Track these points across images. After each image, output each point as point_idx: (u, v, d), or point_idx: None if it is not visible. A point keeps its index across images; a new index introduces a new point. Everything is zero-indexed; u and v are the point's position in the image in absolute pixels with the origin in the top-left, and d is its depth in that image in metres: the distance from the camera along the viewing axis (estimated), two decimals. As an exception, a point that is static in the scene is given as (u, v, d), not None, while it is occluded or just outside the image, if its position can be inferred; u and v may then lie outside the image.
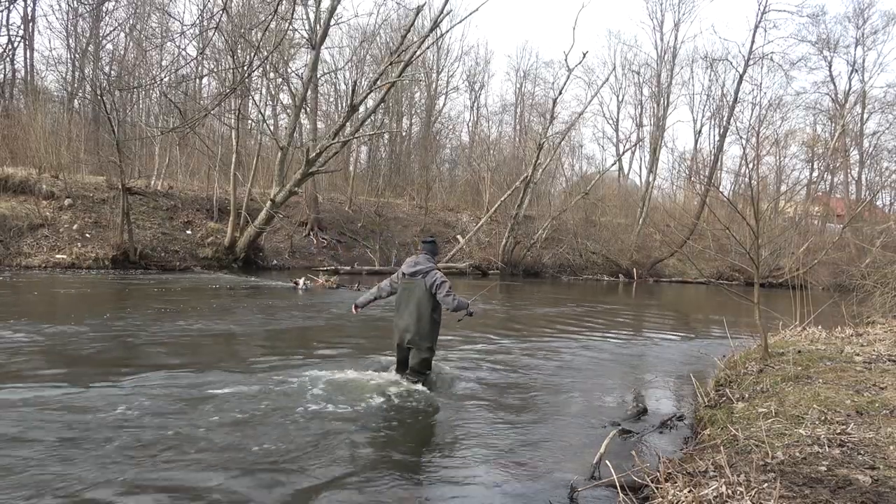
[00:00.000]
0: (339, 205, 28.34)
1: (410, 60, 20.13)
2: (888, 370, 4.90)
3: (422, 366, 5.36)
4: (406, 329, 5.30)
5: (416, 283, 5.30)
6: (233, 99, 20.74)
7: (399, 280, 5.47)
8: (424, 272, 5.32)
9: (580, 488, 3.25)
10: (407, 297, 5.33)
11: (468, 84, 40.13)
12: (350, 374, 5.57)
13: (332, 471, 3.45)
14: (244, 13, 22.78)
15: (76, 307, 9.84)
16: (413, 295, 5.29)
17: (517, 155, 34.00)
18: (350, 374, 5.60)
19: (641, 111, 36.02)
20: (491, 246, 27.31)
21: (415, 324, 5.25)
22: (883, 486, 2.65)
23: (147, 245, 18.31)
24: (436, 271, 5.36)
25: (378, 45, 30.56)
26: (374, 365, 5.98)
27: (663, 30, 35.29)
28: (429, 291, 5.26)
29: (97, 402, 4.43)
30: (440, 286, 5.25)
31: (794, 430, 3.47)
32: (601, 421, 4.71)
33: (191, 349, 6.81)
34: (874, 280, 9.59)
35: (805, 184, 34.47)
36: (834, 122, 33.47)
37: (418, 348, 5.31)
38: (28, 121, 20.11)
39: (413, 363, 5.36)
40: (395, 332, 5.45)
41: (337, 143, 19.77)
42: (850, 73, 34.49)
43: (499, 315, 11.92)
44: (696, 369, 6.69)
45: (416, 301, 5.27)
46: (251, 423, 4.14)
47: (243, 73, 10.80)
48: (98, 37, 28.83)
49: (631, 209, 32.65)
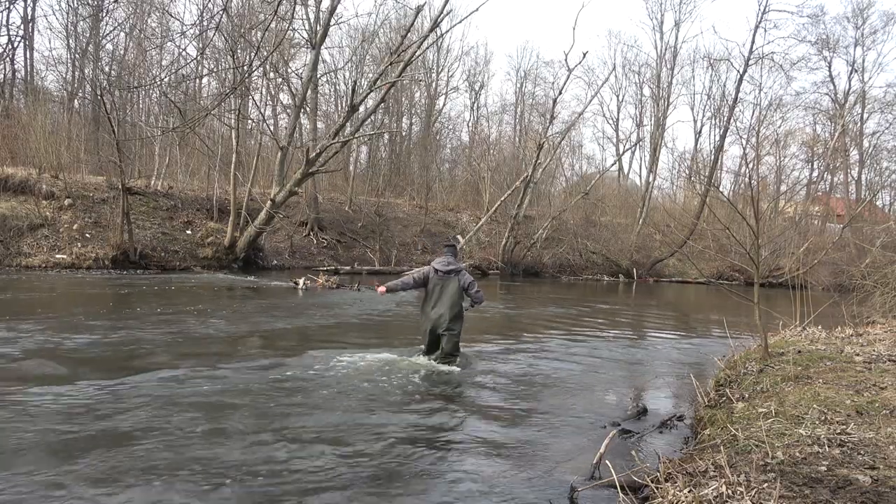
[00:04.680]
0: (339, 205, 28.33)
1: (410, 60, 20.13)
2: (888, 370, 4.90)
3: (455, 348, 6.37)
4: (441, 317, 6.27)
5: (451, 280, 6.36)
6: (233, 99, 20.77)
7: (432, 276, 6.41)
8: (458, 271, 6.42)
9: (580, 488, 3.25)
10: (441, 291, 6.34)
11: (468, 84, 40.13)
12: (382, 358, 6.37)
13: (328, 471, 3.45)
14: (244, 13, 22.81)
15: (82, 306, 9.84)
16: (447, 290, 6.32)
17: (517, 155, 34.01)
18: (383, 356, 6.42)
19: (641, 111, 36.05)
20: (491, 246, 27.31)
21: (448, 313, 6.25)
22: (883, 486, 2.65)
23: (147, 245, 18.30)
24: (465, 271, 6.53)
25: (378, 45, 30.56)
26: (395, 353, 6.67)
27: (663, 30, 35.35)
28: (461, 288, 6.35)
29: (178, 389, 4.52)
30: (472, 284, 6.42)
31: (794, 430, 3.47)
32: (601, 421, 4.71)
33: (227, 343, 6.82)
34: (874, 280, 9.58)
35: (805, 184, 34.50)
36: (834, 122, 33.46)
37: (451, 333, 6.28)
38: (28, 121, 20.09)
39: (447, 347, 6.29)
40: (426, 321, 6.38)
41: (337, 143, 19.77)
42: (849, 73, 34.49)
43: (499, 315, 11.92)
44: (696, 369, 6.69)
45: (451, 295, 6.29)
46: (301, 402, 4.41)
47: (243, 73, 10.81)
48: (98, 37, 28.82)
49: (631, 209, 32.64)
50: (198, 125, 21.03)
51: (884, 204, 35.66)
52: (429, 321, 6.34)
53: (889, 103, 32.59)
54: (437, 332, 6.30)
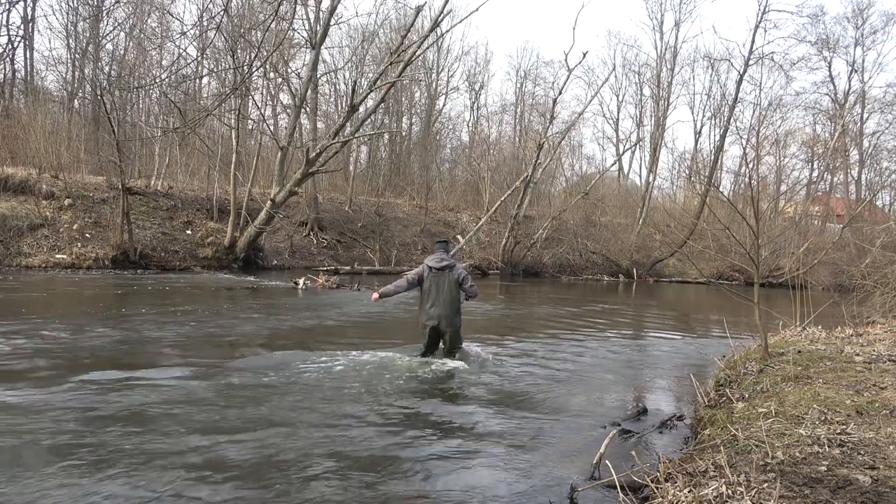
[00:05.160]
0: (339, 205, 28.33)
1: (410, 60, 20.13)
2: (888, 370, 4.90)
3: (458, 341, 6.52)
4: (440, 314, 6.32)
5: (446, 276, 6.38)
6: (233, 99, 20.74)
7: (427, 274, 6.43)
8: (451, 266, 6.44)
9: (580, 488, 3.25)
10: (437, 287, 6.36)
11: (468, 84, 40.15)
12: (382, 357, 6.41)
13: (325, 468, 3.45)
14: (244, 13, 22.81)
15: (82, 307, 9.85)
16: (443, 286, 6.36)
17: (517, 155, 34.01)
18: (382, 356, 6.46)
19: (641, 111, 36.07)
20: (491, 246, 27.31)
21: (448, 308, 6.32)
22: (883, 486, 2.65)
23: (147, 245, 18.30)
24: (459, 265, 6.55)
25: (378, 45, 30.57)
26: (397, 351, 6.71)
27: (663, 30, 35.39)
28: (456, 282, 6.38)
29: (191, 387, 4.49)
30: (466, 278, 6.44)
31: (794, 430, 3.47)
32: (601, 421, 4.71)
33: (225, 344, 6.82)
34: (874, 280, 9.57)
35: (805, 184, 34.51)
36: (834, 122, 33.46)
37: (453, 327, 6.38)
38: (28, 121, 20.10)
39: (451, 342, 6.43)
40: (425, 319, 6.38)
41: (337, 143, 19.77)
42: (849, 73, 34.51)
43: (498, 315, 11.92)
44: (696, 369, 6.69)
45: (447, 290, 6.35)
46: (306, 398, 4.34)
47: (243, 73, 10.81)
48: (98, 37, 28.83)
49: (631, 209, 32.64)
50: (198, 125, 21.03)
51: (884, 204, 35.70)
52: (428, 318, 6.37)
53: (889, 103, 32.63)
54: (438, 329, 6.35)
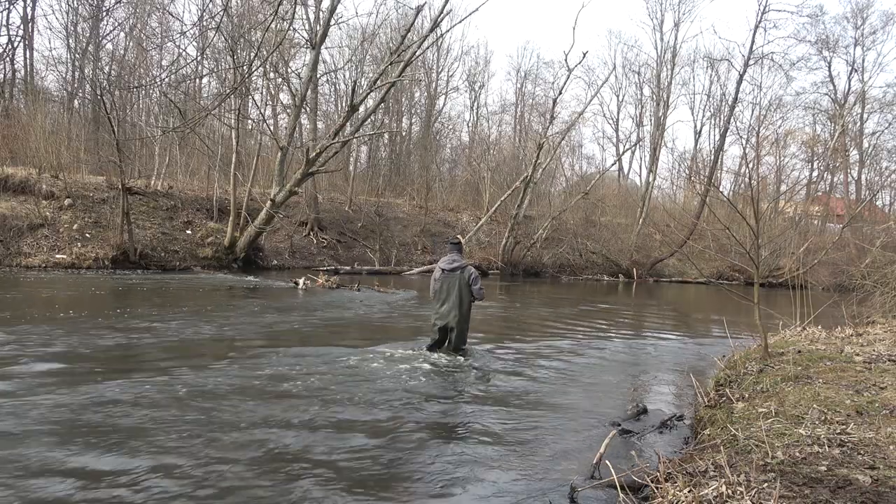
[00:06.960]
0: (339, 205, 28.32)
1: (410, 60, 20.14)
2: (888, 370, 4.90)
3: (464, 341, 6.80)
4: (450, 313, 6.59)
5: (456, 277, 6.64)
6: (233, 99, 20.77)
7: (439, 276, 6.73)
8: (462, 267, 6.69)
9: (580, 488, 3.25)
10: (448, 288, 6.65)
11: (468, 84, 40.14)
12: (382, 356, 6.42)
13: (328, 466, 3.45)
14: (244, 13, 22.80)
15: (82, 306, 9.84)
16: (454, 286, 6.62)
17: (517, 155, 34.01)
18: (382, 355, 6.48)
19: (641, 111, 36.06)
20: (491, 246, 27.32)
21: (457, 308, 6.58)
22: (883, 486, 2.65)
23: (147, 245, 18.30)
24: (470, 267, 6.78)
25: (378, 45, 30.56)
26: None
27: (663, 30, 35.39)
28: (467, 284, 6.62)
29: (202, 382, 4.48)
30: (475, 279, 6.68)
31: (794, 430, 3.47)
32: (601, 421, 4.71)
33: (232, 346, 6.82)
34: (874, 280, 9.56)
35: (805, 184, 34.50)
36: (834, 122, 33.46)
37: (461, 327, 6.64)
38: (28, 121, 20.11)
39: (457, 341, 6.66)
40: (437, 317, 6.68)
41: (337, 143, 19.78)
42: (849, 73, 34.54)
43: (498, 315, 11.92)
44: (696, 369, 6.69)
45: (458, 291, 6.60)
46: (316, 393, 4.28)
47: (243, 73, 10.81)
48: (98, 37, 28.83)
49: (631, 209, 32.63)
50: (198, 125, 21.05)
51: (884, 204, 35.71)
52: (439, 318, 6.68)
53: (889, 103, 32.66)
54: (447, 327, 6.65)
